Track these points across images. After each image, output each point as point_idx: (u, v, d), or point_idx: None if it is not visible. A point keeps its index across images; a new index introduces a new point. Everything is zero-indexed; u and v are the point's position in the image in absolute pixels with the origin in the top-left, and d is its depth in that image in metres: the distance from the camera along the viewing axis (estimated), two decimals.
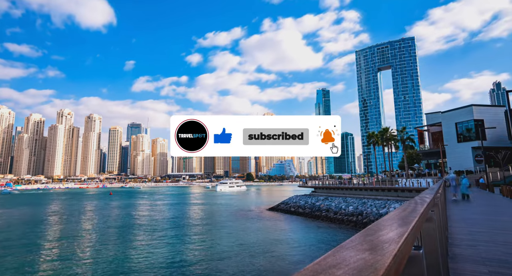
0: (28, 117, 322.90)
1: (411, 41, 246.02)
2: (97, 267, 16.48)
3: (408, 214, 1.76)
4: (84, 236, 25.84)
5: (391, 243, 0.98)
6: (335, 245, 0.99)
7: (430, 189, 5.71)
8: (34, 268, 16.48)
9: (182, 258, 18.34)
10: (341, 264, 0.74)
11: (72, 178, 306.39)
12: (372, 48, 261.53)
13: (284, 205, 43.19)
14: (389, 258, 0.79)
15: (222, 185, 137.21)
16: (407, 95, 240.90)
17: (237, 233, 26.56)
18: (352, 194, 39.19)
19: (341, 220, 30.20)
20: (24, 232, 27.70)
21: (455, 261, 4.39)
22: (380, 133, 56.60)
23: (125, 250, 20.41)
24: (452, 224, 7.75)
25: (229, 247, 20.90)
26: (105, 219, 36.85)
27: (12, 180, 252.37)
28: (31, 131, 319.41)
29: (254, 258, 17.90)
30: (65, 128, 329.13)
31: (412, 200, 2.85)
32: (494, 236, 6.30)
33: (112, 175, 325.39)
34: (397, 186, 34.06)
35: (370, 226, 1.34)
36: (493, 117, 45.48)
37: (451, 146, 46.40)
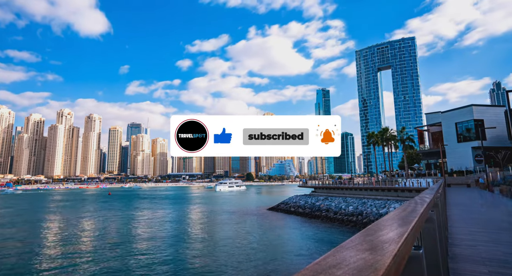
0: (28, 117, 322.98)
1: (411, 41, 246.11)
2: (98, 267, 16.50)
3: (408, 214, 1.76)
4: (84, 238, 25.86)
5: (391, 243, 0.98)
6: (335, 245, 0.99)
7: (430, 189, 5.71)
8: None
9: (182, 258, 18.34)
10: (341, 264, 0.74)
11: (72, 178, 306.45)
12: (372, 48, 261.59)
13: (284, 205, 43.20)
14: (389, 258, 0.79)
15: (221, 185, 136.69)
16: (407, 95, 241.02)
17: (237, 233, 26.57)
18: (352, 194, 39.19)
19: (341, 220, 30.20)
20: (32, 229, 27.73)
21: (455, 261, 4.39)
22: (380, 133, 56.62)
23: (124, 250, 20.41)
24: (452, 224, 7.75)
25: (229, 247, 20.90)
26: (105, 219, 36.87)
27: (12, 180, 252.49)
28: (31, 131, 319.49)
29: (254, 258, 17.90)
30: (65, 128, 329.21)
31: (412, 200, 2.85)
32: (494, 236, 6.30)
33: (112, 175, 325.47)
34: (397, 186, 34.05)
35: (370, 226, 1.34)
36: (493, 117, 45.47)
37: (451, 146, 46.40)
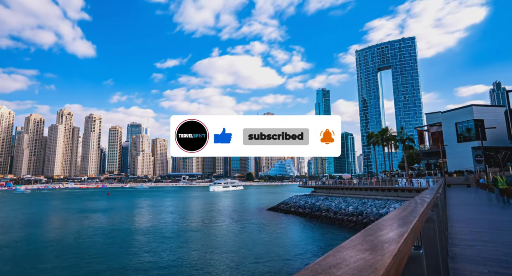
0: (28, 117, 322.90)
1: (411, 41, 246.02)
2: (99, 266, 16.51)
3: (408, 214, 1.76)
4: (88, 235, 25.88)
5: (391, 243, 0.98)
6: (335, 245, 0.99)
7: (430, 189, 5.71)
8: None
9: (182, 258, 18.34)
10: (341, 264, 0.74)
11: (72, 178, 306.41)
12: (372, 48, 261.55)
13: (284, 205, 43.21)
14: (389, 258, 0.79)
15: (215, 185, 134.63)
16: (407, 95, 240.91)
17: (237, 233, 26.56)
18: (352, 194, 39.18)
19: (341, 220, 30.20)
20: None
21: (455, 261, 4.39)
22: (380, 133, 56.59)
23: (124, 250, 20.41)
24: (452, 224, 7.75)
25: (229, 247, 20.90)
26: (109, 217, 36.92)
27: (12, 180, 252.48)
28: (31, 131, 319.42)
29: (254, 258, 17.90)
30: (65, 128, 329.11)
31: (412, 200, 2.84)
32: (494, 236, 6.30)
33: (112, 175, 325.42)
34: (397, 186, 34.04)
35: (370, 226, 1.34)
36: (493, 117, 45.48)
37: (451, 146, 46.40)
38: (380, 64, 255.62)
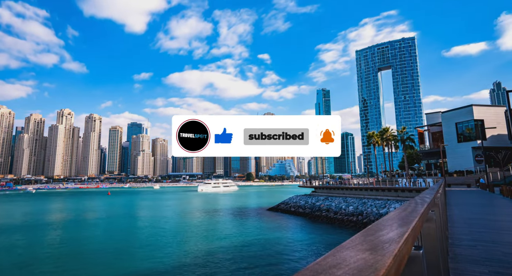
0: (29, 117, 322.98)
1: (411, 41, 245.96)
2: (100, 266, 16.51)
3: (408, 214, 1.77)
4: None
5: (391, 243, 0.98)
6: (335, 245, 0.99)
7: (430, 189, 5.71)
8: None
9: (181, 258, 18.35)
10: (341, 264, 0.74)
11: (72, 178, 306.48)
12: (372, 48, 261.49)
13: (284, 205, 43.21)
14: (389, 258, 0.79)
15: (204, 185, 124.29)
16: (407, 95, 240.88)
17: (237, 233, 26.56)
18: (352, 194, 39.17)
19: (341, 220, 30.19)
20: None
21: (455, 261, 4.40)
22: (380, 133, 56.59)
23: (123, 250, 20.42)
24: (452, 224, 7.76)
25: (229, 247, 20.90)
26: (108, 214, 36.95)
27: (12, 180, 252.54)
28: (31, 131, 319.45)
29: (254, 258, 17.90)
30: (65, 128, 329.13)
31: (412, 200, 2.85)
32: (494, 236, 6.30)
33: (112, 175, 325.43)
34: (397, 186, 34.05)
35: (370, 226, 1.34)
36: (494, 117, 45.50)
37: (451, 146, 46.40)
38: (380, 64, 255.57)
